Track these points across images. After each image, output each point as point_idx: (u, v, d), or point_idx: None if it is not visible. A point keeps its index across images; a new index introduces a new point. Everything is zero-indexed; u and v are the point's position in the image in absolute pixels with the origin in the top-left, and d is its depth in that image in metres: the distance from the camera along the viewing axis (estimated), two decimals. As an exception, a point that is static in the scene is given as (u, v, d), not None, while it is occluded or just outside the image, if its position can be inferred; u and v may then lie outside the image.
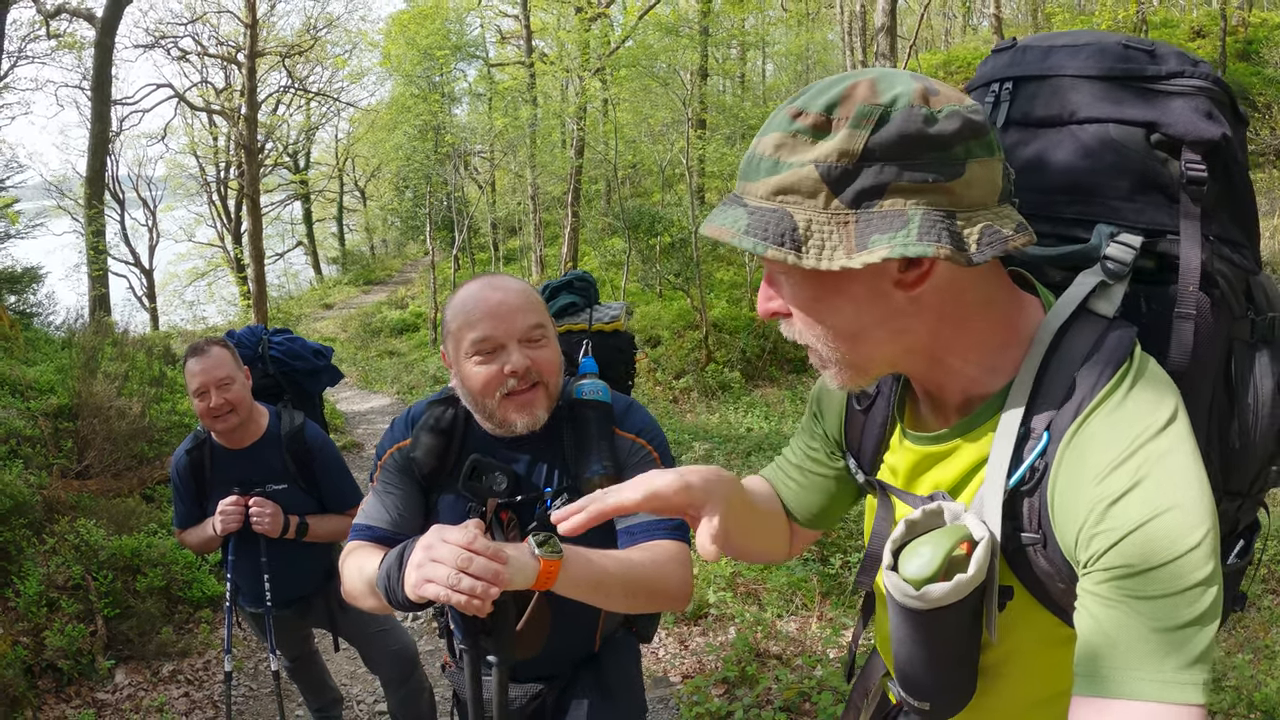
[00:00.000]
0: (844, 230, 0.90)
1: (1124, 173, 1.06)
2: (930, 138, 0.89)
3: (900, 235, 0.88)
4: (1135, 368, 0.95)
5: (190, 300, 31.03)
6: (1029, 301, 1.04)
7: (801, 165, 0.91)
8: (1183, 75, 1.06)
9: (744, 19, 23.89)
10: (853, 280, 0.94)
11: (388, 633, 3.20)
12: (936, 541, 0.98)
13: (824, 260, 0.91)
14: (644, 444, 1.79)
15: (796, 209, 0.92)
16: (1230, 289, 1.06)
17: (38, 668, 4.00)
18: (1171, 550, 0.85)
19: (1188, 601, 0.85)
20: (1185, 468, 0.89)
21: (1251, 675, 3.54)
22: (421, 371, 15.88)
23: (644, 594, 1.59)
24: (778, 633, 4.35)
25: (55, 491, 5.15)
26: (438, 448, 1.77)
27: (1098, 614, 0.88)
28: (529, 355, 1.67)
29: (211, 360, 2.78)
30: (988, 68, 1.22)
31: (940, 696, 1.11)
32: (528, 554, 1.37)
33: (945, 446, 1.08)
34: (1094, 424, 0.93)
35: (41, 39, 20.66)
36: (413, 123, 20.97)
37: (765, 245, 0.92)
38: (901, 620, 1.02)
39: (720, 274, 18.36)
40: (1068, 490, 0.93)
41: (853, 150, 0.89)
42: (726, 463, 7.70)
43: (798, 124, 0.92)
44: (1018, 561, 1.00)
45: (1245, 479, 1.12)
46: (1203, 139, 1.03)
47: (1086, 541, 0.90)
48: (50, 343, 9.65)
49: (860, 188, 0.90)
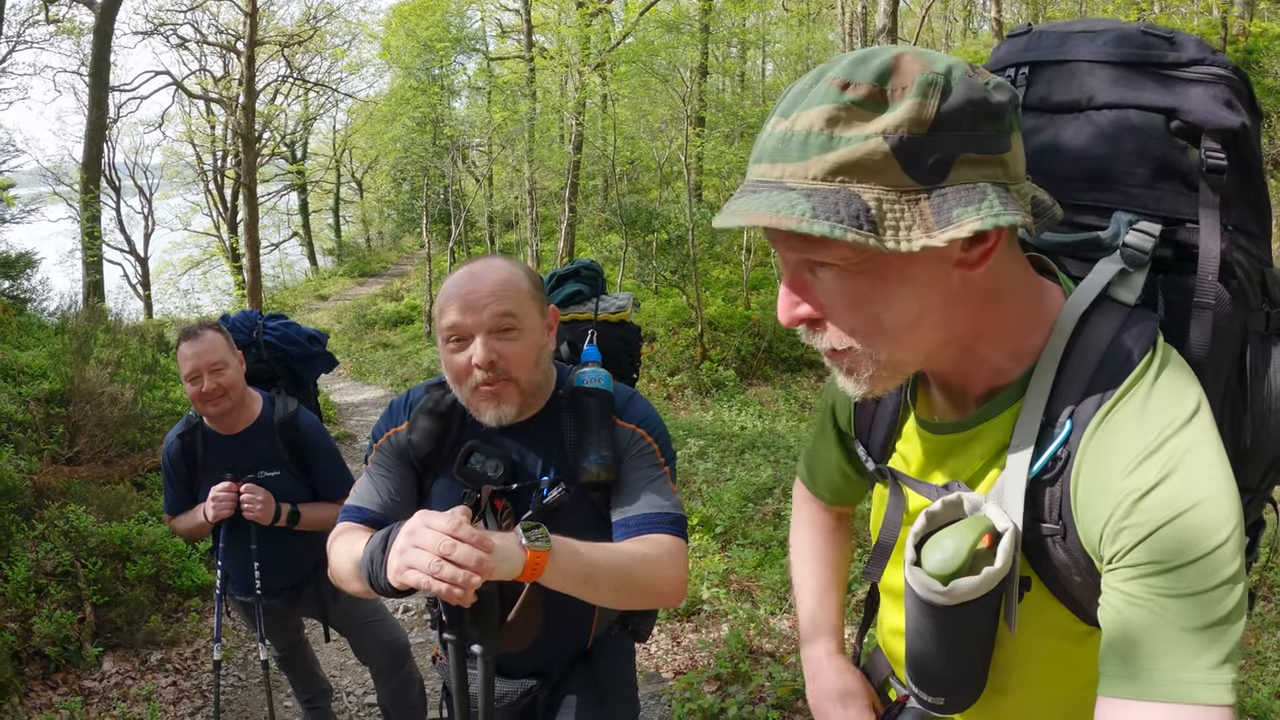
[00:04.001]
0: (914, 208, 0.85)
1: (1144, 159, 1.04)
2: (992, 107, 0.86)
3: (985, 207, 0.84)
4: (1159, 358, 0.93)
5: (185, 289, 30.87)
6: (1050, 288, 1.02)
7: (866, 138, 0.84)
8: (1203, 63, 1.04)
9: (745, 17, 23.86)
10: (918, 265, 0.88)
11: (379, 624, 3.17)
12: (959, 534, 0.95)
13: (904, 241, 0.84)
14: (644, 434, 1.75)
15: (862, 188, 0.84)
16: (1248, 280, 1.04)
17: (25, 654, 3.97)
18: (1201, 546, 0.83)
19: (1216, 599, 0.83)
20: (1212, 461, 0.87)
21: (1244, 680, 3.54)
22: (415, 364, 15.85)
23: (635, 589, 1.57)
24: (771, 630, 4.34)
25: (45, 477, 5.11)
26: (435, 431, 1.73)
27: (1124, 611, 0.86)
28: (495, 348, 1.62)
29: (205, 344, 2.75)
30: (1002, 52, 1.20)
31: (955, 690, 1.10)
32: (515, 544, 1.34)
33: (962, 436, 1.05)
34: (1119, 415, 0.91)
35: (40, 24, 20.57)
36: (411, 115, 20.88)
37: (844, 229, 0.83)
38: (921, 614, 1.00)
39: (716, 272, 18.35)
40: (1092, 482, 0.90)
41: (925, 119, 0.83)
42: (720, 459, 7.70)
43: (850, 95, 0.84)
44: (1035, 553, 0.98)
45: (1256, 474, 1.10)
46: (1223, 127, 1.01)
47: (1113, 535, 0.88)
48: (43, 328, 9.60)
49: (932, 160, 0.84)
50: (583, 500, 1.72)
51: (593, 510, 1.74)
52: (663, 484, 1.71)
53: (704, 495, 6.44)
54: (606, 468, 1.68)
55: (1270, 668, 3.72)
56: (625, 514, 1.68)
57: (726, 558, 5.26)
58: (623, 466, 1.72)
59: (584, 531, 1.68)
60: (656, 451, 1.75)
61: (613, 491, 1.72)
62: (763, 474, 6.90)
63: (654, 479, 1.71)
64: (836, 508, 1.52)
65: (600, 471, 1.67)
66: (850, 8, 21.16)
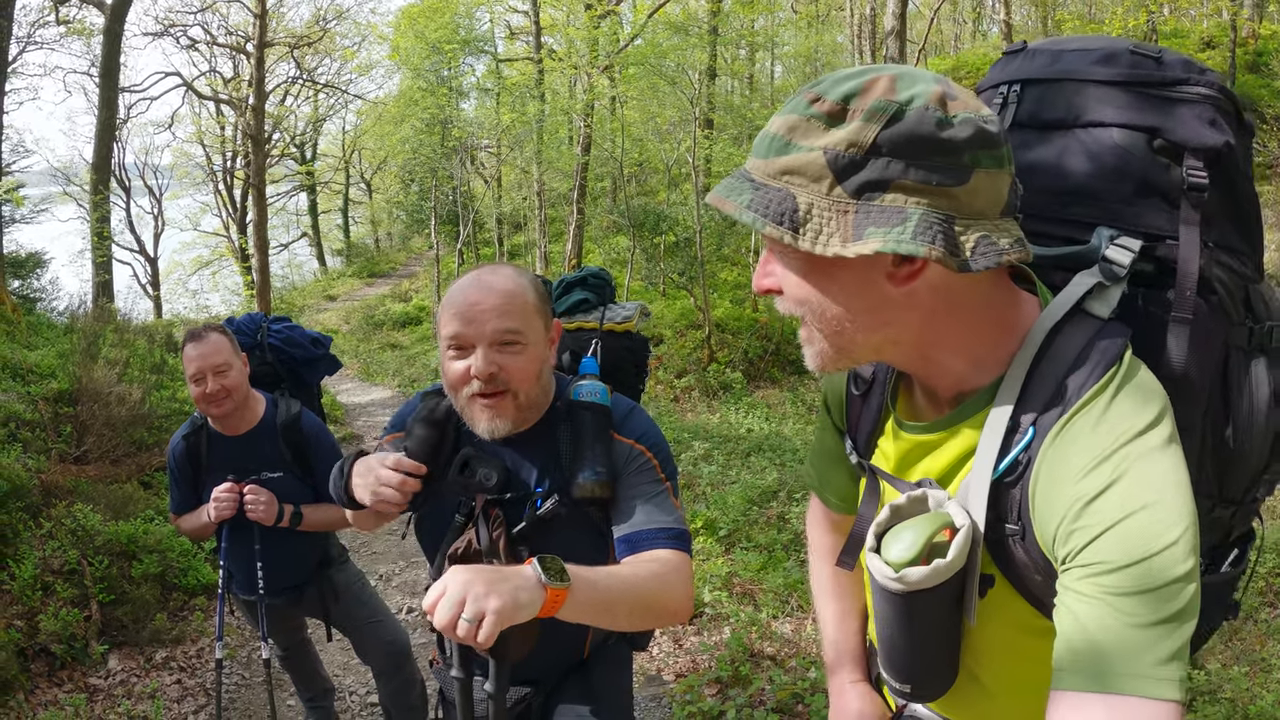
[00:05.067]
0: (843, 218, 0.92)
1: (1126, 177, 1.07)
2: (940, 141, 0.90)
3: (895, 231, 0.90)
4: (1124, 372, 0.96)
5: (194, 289, 31.07)
6: (1026, 300, 1.05)
7: (811, 149, 0.93)
8: (1188, 82, 1.07)
9: (754, 20, 23.85)
10: (845, 268, 0.96)
11: (380, 624, 3.19)
12: (918, 527, 1.01)
13: (819, 245, 0.93)
14: (643, 450, 1.72)
15: (800, 191, 0.94)
16: (1228, 295, 1.06)
17: (31, 651, 3.99)
18: (1148, 547, 0.87)
19: (1165, 598, 0.86)
20: (1164, 468, 0.90)
21: (1247, 688, 3.53)
22: (423, 365, 15.88)
23: (648, 612, 1.55)
24: (772, 633, 4.34)
25: (53, 476, 5.14)
26: (431, 440, 1.70)
27: (1075, 609, 0.89)
28: (496, 360, 1.61)
29: (209, 346, 2.77)
30: (998, 70, 1.24)
31: (921, 679, 1.14)
32: (535, 582, 1.30)
33: (935, 436, 1.09)
34: (1077, 424, 0.94)
35: (50, 25, 20.67)
36: (420, 116, 20.92)
37: (765, 222, 0.94)
38: (884, 602, 1.06)
39: (724, 274, 18.33)
40: (1048, 486, 0.94)
41: (862, 142, 0.91)
42: (725, 462, 7.70)
43: (814, 109, 0.94)
44: (999, 551, 1.02)
45: (1239, 486, 1.12)
46: (1205, 146, 1.04)
47: (1065, 537, 0.91)
48: (52, 328, 9.66)
49: (864, 179, 0.91)
50: (578, 515, 1.70)
51: (590, 525, 1.73)
52: (664, 499, 1.68)
53: (708, 498, 6.45)
54: (601, 483, 1.65)
55: (1275, 675, 3.70)
56: (627, 530, 1.65)
57: (730, 561, 5.26)
58: (621, 483, 1.69)
59: (580, 546, 1.67)
60: (657, 467, 1.72)
61: (612, 507, 1.69)
62: (768, 477, 6.89)
63: (655, 494, 1.68)
64: (847, 523, 1.52)
65: (594, 487, 1.65)
66: (859, 10, 21.18)
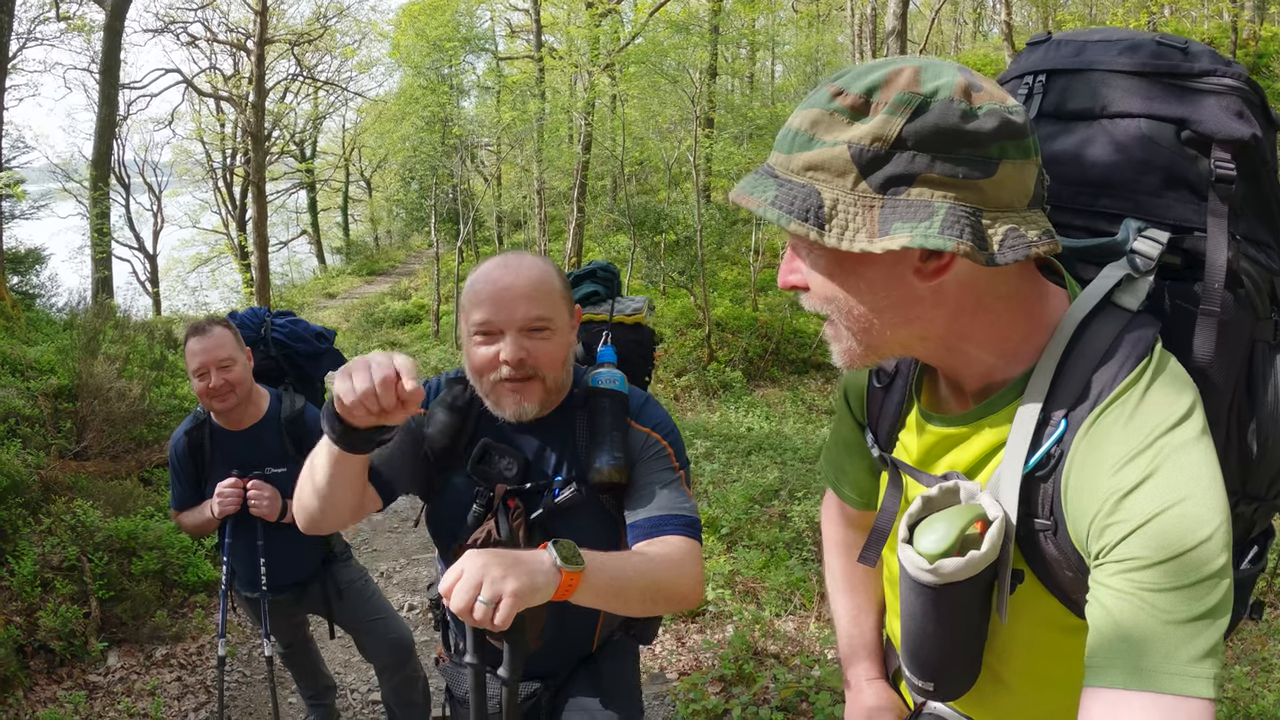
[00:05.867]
0: (869, 213, 0.91)
1: (1153, 168, 1.06)
2: (965, 133, 0.89)
3: (923, 226, 0.88)
4: (1155, 364, 0.95)
5: (193, 286, 30.99)
6: (1054, 292, 1.04)
7: (835, 144, 0.92)
8: (1215, 74, 1.05)
9: (755, 19, 23.86)
10: (872, 263, 0.95)
11: (383, 621, 3.18)
12: (951, 518, 0.99)
13: (845, 241, 0.91)
14: (659, 438, 1.75)
15: (825, 186, 0.93)
16: (1255, 289, 1.05)
17: (30, 648, 3.98)
18: (1183, 542, 0.86)
19: (1199, 594, 0.85)
20: (1198, 462, 0.89)
21: (1249, 687, 3.53)
22: (423, 363, 15.87)
23: (660, 596, 1.55)
24: (776, 632, 4.33)
25: (53, 472, 5.12)
26: (451, 426, 1.73)
27: (1109, 605, 0.88)
28: (526, 346, 1.63)
29: (213, 340, 2.76)
30: (1022, 61, 1.22)
31: (945, 676, 1.13)
32: (550, 565, 1.30)
33: (962, 429, 1.08)
34: (1110, 417, 0.93)
35: (51, 21, 20.63)
36: (420, 114, 20.88)
37: (789, 219, 0.93)
38: (913, 595, 1.04)
39: (724, 273, 18.34)
40: (1081, 480, 0.93)
41: (886, 136, 0.90)
42: (726, 461, 7.69)
43: (837, 103, 0.93)
44: (1029, 546, 1.01)
45: (1263, 482, 1.11)
46: (1233, 137, 1.02)
47: (1099, 532, 0.90)
48: (52, 324, 9.65)
49: (890, 174, 0.90)
50: (593, 501, 1.73)
51: (604, 512, 1.75)
52: (677, 487, 1.71)
53: (710, 496, 6.44)
54: (618, 469, 1.67)
55: (1276, 674, 3.70)
56: (639, 516, 1.67)
57: (732, 559, 5.26)
58: (636, 469, 1.71)
59: (594, 532, 1.69)
60: (671, 455, 1.75)
61: (626, 494, 1.72)
62: (769, 475, 6.90)
63: (668, 482, 1.70)
64: (863, 518, 1.51)
65: (612, 473, 1.67)
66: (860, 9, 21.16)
